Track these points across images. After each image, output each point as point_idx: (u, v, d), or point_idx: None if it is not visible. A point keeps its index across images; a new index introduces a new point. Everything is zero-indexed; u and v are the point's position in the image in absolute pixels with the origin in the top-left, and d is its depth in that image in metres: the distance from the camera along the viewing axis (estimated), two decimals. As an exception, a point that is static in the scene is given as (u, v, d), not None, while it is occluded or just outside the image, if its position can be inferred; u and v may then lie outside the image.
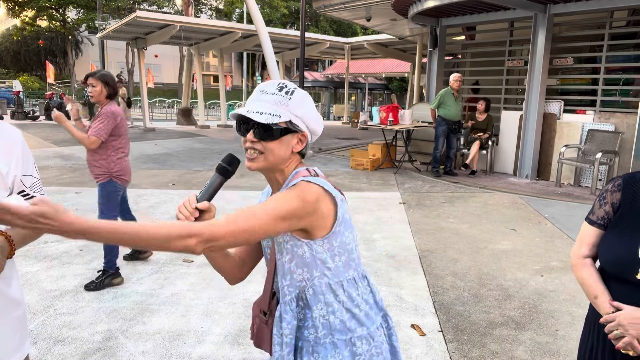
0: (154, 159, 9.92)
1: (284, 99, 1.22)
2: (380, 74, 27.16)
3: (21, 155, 1.29)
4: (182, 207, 1.15)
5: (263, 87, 1.24)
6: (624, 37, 7.78)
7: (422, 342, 2.92)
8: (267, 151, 1.22)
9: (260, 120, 1.17)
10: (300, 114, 1.24)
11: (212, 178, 1.22)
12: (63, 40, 35.40)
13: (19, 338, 1.31)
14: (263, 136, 1.21)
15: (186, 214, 1.13)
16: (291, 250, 1.24)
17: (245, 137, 1.23)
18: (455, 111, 8.26)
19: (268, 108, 1.20)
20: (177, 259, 4.23)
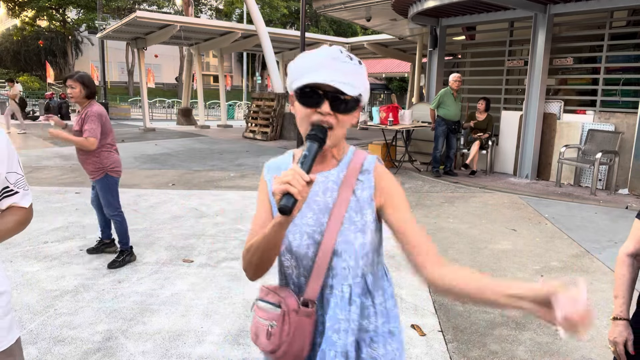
0: (154, 159, 9.92)
1: (359, 68, 1.13)
2: (380, 74, 27.16)
3: (6, 154, 1.34)
4: (293, 180, 0.96)
5: (332, 54, 1.11)
6: (624, 37, 7.78)
7: (422, 342, 2.92)
8: (339, 125, 1.12)
9: (348, 92, 1.08)
10: (366, 85, 1.17)
11: (309, 147, 1.07)
12: (63, 40, 35.42)
13: (8, 321, 1.38)
14: (341, 109, 1.11)
15: (299, 188, 0.96)
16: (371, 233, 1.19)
17: (317, 107, 1.10)
18: (455, 111, 8.26)
19: (349, 78, 1.10)
20: (177, 259, 4.23)
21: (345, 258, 1.16)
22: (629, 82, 7.59)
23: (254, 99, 15.34)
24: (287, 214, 0.97)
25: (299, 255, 1.18)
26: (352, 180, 1.19)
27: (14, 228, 1.38)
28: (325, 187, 1.20)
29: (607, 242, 4.89)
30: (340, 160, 1.22)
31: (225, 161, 9.81)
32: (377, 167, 1.21)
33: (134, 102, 28.57)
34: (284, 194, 0.97)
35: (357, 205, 1.18)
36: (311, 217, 1.18)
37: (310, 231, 1.18)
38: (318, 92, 1.09)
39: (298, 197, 0.96)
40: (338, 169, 1.21)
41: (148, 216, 5.55)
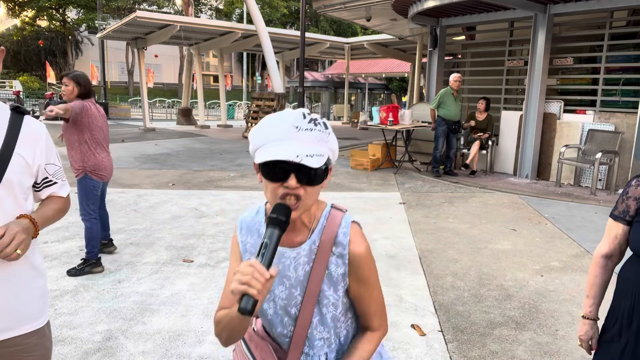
0: (154, 159, 9.92)
1: (323, 134, 1.07)
2: (380, 74, 27.15)
3: (45, 147, 1.44)
4: (251, 280, 0.92)
5: (293, 121, 1.05)
6: (624, 37, 7.78)
7: (422, 342, 2.92)
8: (308, 195, 1.06)
9: (315, 165, 1.01)
10: (333, 147, 1.11)
11: (269, 235, 1.00)
12: (63, 40, 35.42)
13: (42, 304, 1.48)
14: (309, 180, 1.04)
15: (259, 288, 0.92)
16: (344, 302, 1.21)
17: (282, 181, 1.04)
18: (455, 111, 8.26)
19: (314, 148, 1.04)
20: (177, 258, 4.23)
21: (321, 330, 1.20)
22: (629, 82, 7.59)
23: (254, 99, 15.34)
24: (247, 315, 0.93)
25: (273, 324, 1.21)
26: (325, 255, 1.15)
27: (54, 216, 1.49)
28: (297, 262, 1.17)
29: (607, 242, 4.88)
30: (312, 230, 1.17)
31: (225, 161, 9.81)
32: (351, 240, 1.16)
33: (134, 102, 28.57)
34: (243, 295, 0.92)
35: (331, 281, 1.17)
36: (283, 291, 1.18)
37: (283, 304, 1.19)
38: (283, 166, 1.03)
39: (258, 298, 0.92)
40: (310, 242, 1.16)
41: (148, 216, 5.55)
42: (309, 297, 1.16)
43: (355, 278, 1.17)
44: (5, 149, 1.31)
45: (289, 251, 1.17)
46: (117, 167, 8.85)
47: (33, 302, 1.44)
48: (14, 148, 1.33)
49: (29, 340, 1.43)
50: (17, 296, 1.39)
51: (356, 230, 1.18)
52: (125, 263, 4.11)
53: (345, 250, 1.15)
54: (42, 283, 1.49)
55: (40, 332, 1.47)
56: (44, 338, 1.49)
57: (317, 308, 1.17)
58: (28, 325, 1.43)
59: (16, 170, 1.33)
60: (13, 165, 1.32)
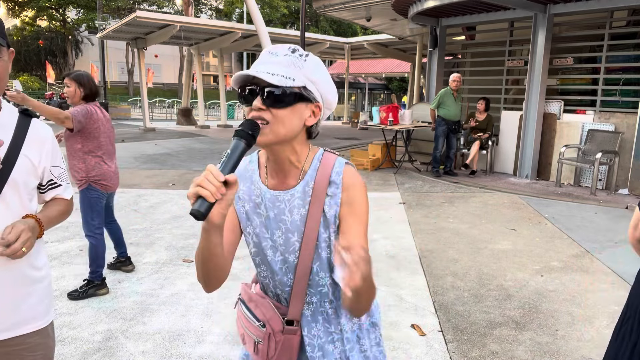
0: (154, 159, 9.92)
1: (298, 60, 1.06)
2: (380, 74, 27.16)
3: (51, 149, 1.47)
4: (204, 181, 0.89)
5: (272, 49, 1.07)
6: (624, 37, 7.78)
7: (422, 342, 2.92)
8: (277, 121, 1.04)
9: (272, 81, 1.00)
10: (315, 78, 1.08)
11: (234, 146, 0.98)
12: (63, 40, 35.42)
13: (46, 304, 1.49)
14: (273, 102, 1.03)
15: (212, 190, 0.89)
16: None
17: (251, 104, 1.05)
18: (455, 111, 8.26)
19: (280, 69, 1.04)
20: (177, 258, 4.23)
21: (322, 276, 1.17)
22: (629, 82, 7.59)
23: (254, 99, 15.31)
24: (200, 219, 0.90)
25: (274, 270, 1.19)
26: (321, 196, 1.13)
27: (58, 217, 1.53)
28: (292, 205, 1.14)
29: (607, 242, 4.88)
30: (304, 170, 1.15)
31: (225, 161, 9.80)
32: (344, 178, 1.14)
33: (134, 102, 28.57)
34: (197, 198, 0.89)
35: (325, 222, 1.14)
36: (280, 235, 1.16)
37: (281, 249, 1.17)
38: (252, 89, 1.04)
39: (211, 199, 0.89)
40: (303, 183, 1.14)
41: (148, 216, 5.55)
42: (307, 241, 1.13)
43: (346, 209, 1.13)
44: (12, 150, 1.35)
45: (282, 194, 1.15)
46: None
47: (36, 302, 1.45)
48: (20, 149, 1.36)
49: (32, 339, 1.44)
50: (21, 296, 1.40)
51: (350, 169, 1.16)
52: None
53: (339, 189, 1.13)
54: (46, 283, 1.50)
55: (44, 331, 1.48)
56: (47, 338, 1.50)
57: (316, 253, 1.15)
58: (31, 324, 1.44)
59: (22, 171, 1.36)
60: (19, 166, 1.35)
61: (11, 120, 1.38)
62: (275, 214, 1.16)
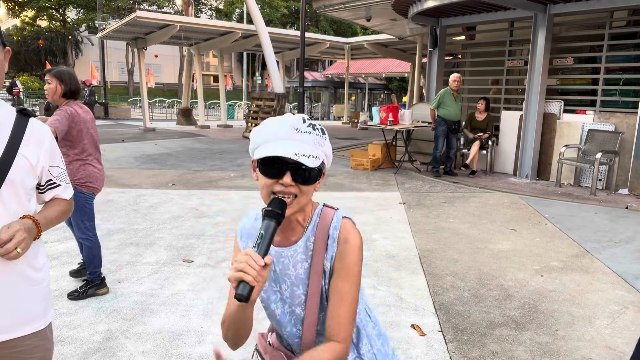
0: (154, 159, 9.92)
1: (320, 138, 1.14)
2: (380, 74, 27.15)
3: (49, 149, 1.46)
4: (246, 267, 0.97)
5: (294, 123, 1.11)
6: (624, 37, 7.78)
7: (422, 342, 2.92)
8: (302, 195, 1.12)
9: (310, 165, 1.07)
10: (328, 152, 1.18)
11: (265, 226, 1.06)
12: (63, 40, 35.42)
13: (44, 306, 1.48)
14: (303, 180, 1.11)
15: (254, 275, 0.97)
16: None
17: (278, 178, 1.10)
18: (455, 111, 8.26)
19: (311, 150, 1.10)
20: (177, 258, 4.23)
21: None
22: (629, 82, 7.59)
23: (254, 99, 15.34)
24: (244, 301, 0.97)
25: (282, 323, 1.24)
26: (321, 250, 1.18)
27: (57, 217, 1.52)
28: (295, 260, 1.20)
29: (607, 242, 4.89)
30: (306, 227, 1.21)
31: (225, 161, 9.81)
32: (341, 232, 1.18)
33: (134, 102, 28.57)
34: (239, 282, 0.97)
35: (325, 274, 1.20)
36: (286, 289, 1.22)
37: (288, 302, 1.22)
38: (279, 163, 1.09)
39: (253, 284, 0.97)
40: (304, 238, 1.20)
41: (148, 216, 5.55)
42: (312, 294, 1.18)
43: (339, 266, 1.17)
44: (9, 149, 1.33)
45: (285, 250, 1.21)
46: (118, 167, 8.86)
47: (34, 304, 1.44)
48: (17, 149, 1.35)
49: (30, 341, 1.43)
50: (19, 297, 1.39)
51: (347, 223, 1.21)
52: (125, 263, 4.11)
53: (335, 242, 1.18)
54: (44, 284, 1.49)
55: (42, 333, 1.47)
56: (45, 340, 1.48)
57: (321, 304, 1.20)
58: (29, 326, 1.42)
59: (20, 170, 1.35)
60: (16, 166, 1.34)
61: (8, 119, 1.37)
62: (280, 269, 1.22)
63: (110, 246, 4.51)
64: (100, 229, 4.97)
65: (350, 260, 1.17)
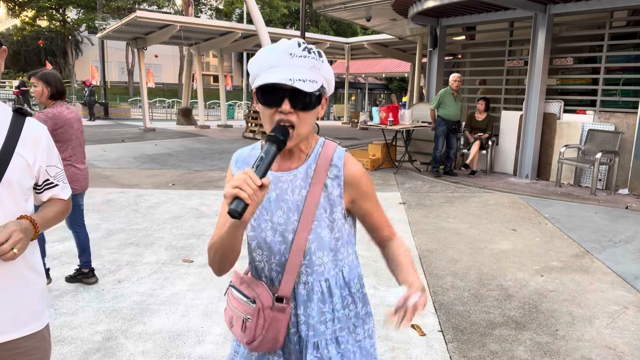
0: (154, 159, 9.92)
1: (316, 62, 1.10)
2: (380, 74, 27.16)
3: (46, 148, 1.44)
4: (243, 184, 0.96)
5: (289, 49, 1.09)
6: (624, 37, 7.78)
7: (422, 342, 2.92)
8: (302, 122, 1.11)
9: (307, 89, 1.05)
10: (329, 76, 1.15)
11: (266, 149, 1.05)
12: (63, 40, 35.39)
13: (41, 307, 1.47)
14: (302, 106, 1.09)
15: (249, 192, 0.96)
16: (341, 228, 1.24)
17: (278, 107, 1.09)
18: (455, 111, 8.26)
19: (306, 74, 1.07)
20: (177, 258, 4.23)
21: (320, 255, 1.21)
22: (629, 82, 7.59)
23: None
24: (237, 218, 0.97)
25: (272, 251, 1.22)
26: (322, 177, 1.19)
27: (55, 218, 1.50)
28: (294, 185, 1.21)
29: (607, 242, 4.89)
30: (308, 155, 1.22)
31: (225, 161, 9.81)
32: (346, 162, 1.21)
33: (134, 102, 28.56)
34: (234, 198, 0.97)
35: (327, 202, 1.20)
36: (281, 215, 1.21)
37: (281, 229, 1.21)
38: (277, 91, 1.08)
39: (248, 202, 0.97)
40: (306, 165, 1.21)
41: (148, 216, 5.55)
42: (305, 219, 1.18)
43: (359, 195, 1.23)
44: (6, 149, 1.32)
45: (285, 174, 1.21)
46: (118, 167, 8.86)
47: (32, 305, 1.43)
48: (14, 149, 1.34)
49: (28, 343, 1.42)
50: (15, 298, 1.38)
51: (349, 156, 1.24)
52: (125, 263, 4.11)
53: (340, 172, 1.20)
54: (41, 285, 1.48)
55: (40, 334, 1.46)
56: (43, 341, 1.48)
57: (315, 233, 1.20)
58: (26, 327, 1.41)
59: (16, 170, 1.34)
60: (13, 166, 1.33)
61: (4, 119, 1.36)
62: (277, 194, 1.21)
63: (110, 246, 4.51)
64: (100, 229, 4.98)
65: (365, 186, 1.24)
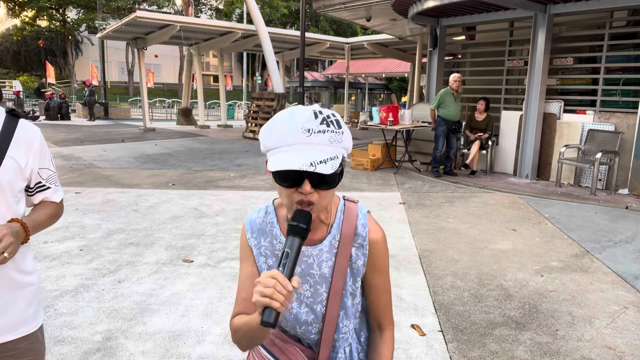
0: (154, 159, 9.92)
1: (337, 135, 1.01)
2: (380, 74, 27.16)
3: (39, 150, 1.43)
4: (275, 293, 0.90)
5: (305, 124, 0.99)
6: (624, 37, 7.78)
7: (422, 342, 2.92)
8: (322, 199, 1.03)
9: (330, 171, 0.97)
10: (347, 145, 1.06)
11: (290, 243, 0.98)
12: (63, 40, 35.40)
13: (33, 309, 1.46)
14: (324, 185, 1.01)
15: (282, 300, 0.90)
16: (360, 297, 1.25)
17: (297, 187, 1.00)
18: (455, 111, 8.26)
19: (327, 152, 0.99)
20: (177, 258, 4.23)
21: (346, 323, 1.21)
22: (629, 82, 7.59)
23: (254, 99, 15.34)
24: (271, 327, 0.91)
25: (298, 322, 1.20)
26: (348, 248, 1.16)
27: (46, 221, 1.48)
28: (320, 259, 1.17)
29: (607, 242, 4.89)
30: (330, 225, 1.17)
31: (225, 161, 9.81)
32: (370, 230, 1.18)
33: (134, 102, 28.57)
34: (264, 307, 0.91)
35: (352, 273, 1.18)
36: (308, 289, 1.18)
37: (309, 302, 1.18)
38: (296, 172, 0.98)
39: (281, 310, 0.91)
40: (330, 237, 1.16)
41: (148, 216, 5.55)
42: (335, 292, 1.16)
43: (372, 265, 1.19)
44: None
45: (310, 249, 1.16)
46: (118, 167, 8.85)
47: (24, 307, 1.43)
48: (6, 151, 1.33)
49: (21, 345, 1.41)
50: (6, 301, 1.37)
51: (371, 219, 1.21)
52: (125, 263, 4.11)
53: (365, 241, 1.17)
54: (34, 287, 1.47)
55: (33, 336, 1.45)
56: (36, 343, 1.47)
57: (342, 301, 1.19)
58: (19, 330, 1.41)
59: (8, 172, 1.33)
60: (5, 168, 1.32)
61: None
62: (303, 268, 1.17)
63: (110, 246, 4.51)
64: (100, 229, 4.99)
65: (382, 257, 1.20)
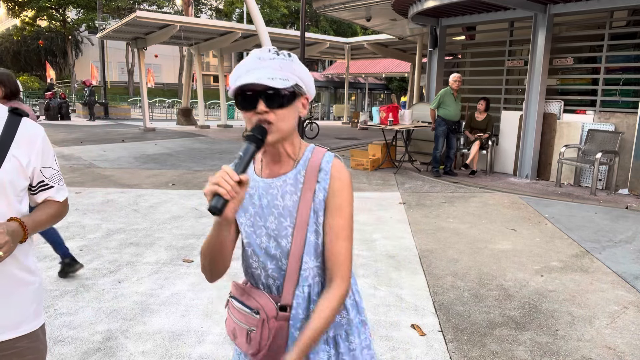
0: (154, 159, 9.92)
1: (285, 61, 1.14)
2: (380, 74, 27.15)
3: (41, 149, 1.42)
4: (221, 181, 0.98)
5: (258, 54, 1.14)
6: (624, 37, 7.78)
7: (422, 342, 2.92)
8: (280, 120, 1.13)
9: (274, 85, 1.09)
10: (302, 75, 1.18)
11: (244, 148, 1.08)
12: (63, 40, 35.39)
13: (35, 307, 1.46)
14: (276, 104, 1.12)
15: (227, 188, 0.98)
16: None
17: (255, 109, 1.12)
18: (455, 111, 8.26)
19: (276, 73, 1.12)
20: (177, 258, 4.23)
21: (307, 260, 1.20)
22: (629, 82, 7.59)
23: (254, 99, 15.31)
24: (217, 214, 0.99)
25: (268, 257, 1.23)
26: (312, 182, 1.19)
27: (48, 220, 1.47)
28: (284, 190, 1.21)
29: (607, 242, 4.89)
30: (297, 161, 1.22)
31: (225, 161, 9.81)
32: (333, 167, 1.21)
33: (134, 102, 28.57)
34: (213, 195, 0.99)
35: (315, 207, 1.20)
36: (273, 221, 1.22)
37: (274, 235, 1.22)
38: (252, 94, 1.11)
39: (227, 197, 0.98)
40: (295, 171, 1.21)
41: (148, 216, 5.55)
42: (299, 226, 1.19)
43: (331, 202, 1.19)
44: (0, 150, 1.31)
45: (275, 180, 1.22)
46: (118, 167, 8.85)
47: (25, 305, 1.42)
48: (8, 149, 1.33)
49: (22, 343, 1.41)
50: (8, 299, 1.37)
51: (338, 162, 1.23)
52: (125, 263, 4.11)
53: (327, 175, 1.20)
54: (35, 286, 1.47)
55: (34, 335, 1.45)
56: (37, 341, 1.47)
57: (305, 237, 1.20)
58: (20, 328, 1.41)
59: (10, 171, 1.33)
60: (6, 167, 1.32)
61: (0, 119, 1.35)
62: (269, 200, 1.22)
63: (110, 246, 4.51)
64: (100, 229, 4.99)
65: (342, 197, 1.19)
